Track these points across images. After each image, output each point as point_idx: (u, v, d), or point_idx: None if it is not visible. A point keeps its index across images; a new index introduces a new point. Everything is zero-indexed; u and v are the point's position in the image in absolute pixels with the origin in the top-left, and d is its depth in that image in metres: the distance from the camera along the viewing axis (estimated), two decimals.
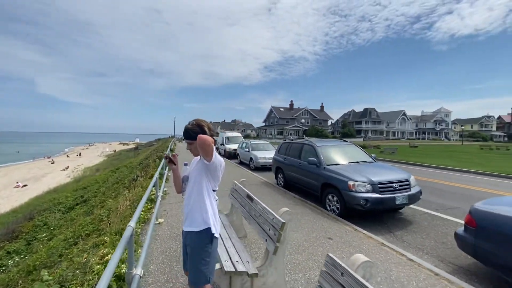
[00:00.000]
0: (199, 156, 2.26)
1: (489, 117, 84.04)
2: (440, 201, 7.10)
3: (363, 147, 33.94)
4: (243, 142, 16.53)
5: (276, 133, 62.62)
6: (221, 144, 21.47)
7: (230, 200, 4.33)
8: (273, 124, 67.25)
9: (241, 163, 15.58)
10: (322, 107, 74.16)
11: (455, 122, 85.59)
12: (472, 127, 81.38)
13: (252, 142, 15.42)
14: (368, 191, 5.12)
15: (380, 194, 5.10)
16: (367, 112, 71.24)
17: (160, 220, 5.08)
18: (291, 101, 71.02)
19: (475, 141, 62.59)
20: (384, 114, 76.08)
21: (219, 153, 22.49)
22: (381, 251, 3.87)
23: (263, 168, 12.72)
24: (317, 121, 68.19)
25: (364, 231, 4.63)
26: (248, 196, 3.43)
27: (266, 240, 2.60)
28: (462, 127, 66.33)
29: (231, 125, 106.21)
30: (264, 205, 2.93)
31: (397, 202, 5.10)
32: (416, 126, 78.90)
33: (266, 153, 13.27)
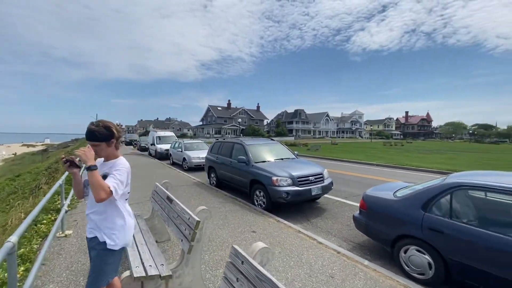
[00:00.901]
0: (103, 158, 2.10)
1: (390, 119, 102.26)
2: (350, 190, 8.30)
3: (294, 145, 36.76)
4: (176, 142, 15.81)
5: (213, 132, 61.99)
6: (151, 144, 20.01)
7: (151, 203, 4.10)
8: (210, 123, 66.33)
9: (173, 164, 14.87)
10: (258, 107, 76.95)
11: (366, 123, 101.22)
12: (378, 127, 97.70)
13: (185, 142, 14.89)
14: (289, 185, 5.61)
15: (299, 187, 5.65)
16: (297, 113, 77.38)
17: (67, 232, 4.43)
18: (229, 101, 71.36)
19: (380, 139, 75.25)
20: (312, 115, 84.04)
21: (150, 154, 20.77)
22: (297, 238, 4.30)
23: (197, 168, 12.45)
24: (253, 120, 70.40)
25: (285, 222, 5.06)
26: (168, 198, 3.33)
27: (182, 240, 2.58)
28: (371, 127, 79.00)
29: (166, 124, 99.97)
30: (182, 205, 2.89)
31: (313, 193, 5.74)
32: (337, 126, 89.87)
33: (200, 153, 13.02)
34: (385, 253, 3.92)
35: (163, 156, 17.13)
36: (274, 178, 5.66)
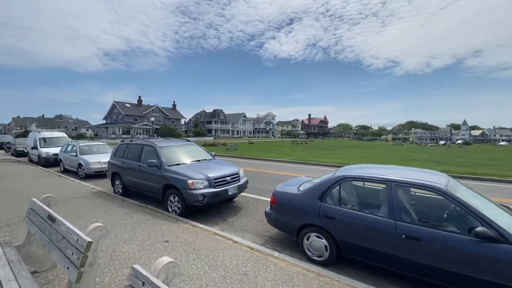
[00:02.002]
0: None
1: (297, 120, 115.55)
2: (264, 186, 8.86)
3: (213, 145, 36.63)
4: (69, 144, 13.06)
5: (121, 132, 54.71)
6: (32, 148, 15.86)
7: (26, 225, 3.22)
8: (117, 121, 58.23)
9: (65, 171, 12.27)
10: (174, 105, 72.70)
11: (278, 123, 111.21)
12: (287, 128, 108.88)
13: (81, 144, 12.49)
14: (205, 187, 5.49)
15: (215, 188, 5.61)
16: (216, 113, 77.50)
17: None
18: (139, 97, 64.32)
19: (289, 138, 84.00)
20: (230, 116, 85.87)
21: (30, 160, 16.47)
22: (213, 240, 4.26)
23: (98, 175, 10.66)
24: (169, 119, 66.07)
25: (201, 226, 4.93)
26: (50, 217, 2.68)
27: (68, 268, 2.11)
28: (282, 128, 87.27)
29: (56, 122, 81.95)
30: (69, 225, 2.38)
31: (229, 193, 5.82)
32: (253, 126, 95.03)
33: (101, 157, 11.20)
34: (292, 243, 4.35)
35: (50, 163, 13.90)
36: (190, 181, 5.43)
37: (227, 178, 5.96)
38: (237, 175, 6.29)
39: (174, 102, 73.11)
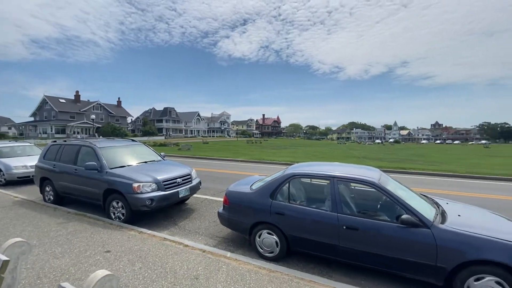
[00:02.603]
0: None
1: (251, 120, 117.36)
2: (218, 186, 8.75)
3: (164, 145, 34.75)
4: None
5: (54, 131, 47.94)
6: None
7: None
8: (48, 119, 50.75)
9: None
10: (119, 102, 66.59)
11: (233, 123, 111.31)
12: (242, 127, 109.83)
13: (0, 145, 10.57)
14: (153, 190, 5.17)
15: (165, 191, 5.32)
16: (167, 111, 73.69)
17: None
18: (77, 92, 57.02)
19: (244, 137, 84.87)
20: (183, 114, 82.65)
21: None
22: (162, 246, 4.04)
23: (23, 181, 9.15)
24: (113, 117, 60.29)
25: (149, 231, 4.62)
26: None
27: None
28: (237, 127, 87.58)
29: None
30: None
31: (181, 196, 5.59)
32: (208, 125, 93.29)
33: (27, 160, 9.66)
34: (245, 242, 4.40)
35: None
36: (136, 184, 5.04)
37: (178, 179, 5.71)
38: (189, 176, 6.08)
39: (119, 98, 66.95)
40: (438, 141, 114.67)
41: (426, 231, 2.93)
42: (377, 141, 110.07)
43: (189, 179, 6.07)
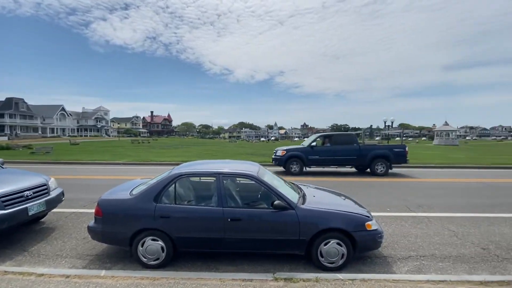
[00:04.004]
0: None
1: (137, 117, 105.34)
2: (91, 196, 7.33)
3: (8, 148, 25.72)
4: None
5: None
6: None
7: None
8: None
9: None
10: None
11: (114, 120, 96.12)
12: (126, 125, 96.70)
13: None
14: None
15: (4, 209, 3.97)
16: (12, 103, 55.00)
17: None
18: None
19: (129, 137, 75.03)
20: (39, 108, 63.97)
21: None
22: (2, 282, 3.00)
23: None
24: None
25: None
26: None
27: None
28: (119, 125, 76.25)
29: None
30: None
31: (31, 213, 4.32)
32: (78, 122, 76.48)
33: None
34: (126, 254, 3.92)
35: None
36: None
37: (26, 193, 4.38)
38: (43, 187, 4.78)
39: None
40: (305, 139, 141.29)
41: (292, 212, 3.56)
42: (262, 139, 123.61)
43: (45, 191, 4.78)
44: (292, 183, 4.94)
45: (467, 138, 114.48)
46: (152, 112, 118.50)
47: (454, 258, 3.91)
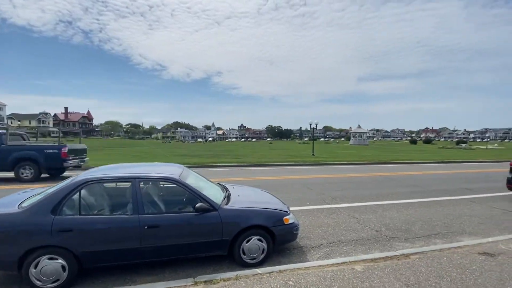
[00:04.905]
0: None
1: (46, 114, 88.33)
2: None
3: None
4: None
5: None
6: None
7: None
8: None
9: None
10: None
11: (12, 116, 78.15)
12: (30, 123, 79.89)
13: None
14: None
15: None
16: None
17: None
18: None
19: (33, 137, 62.12)
20: None
21: None
22: None
23: None
24: None
25: None
26: None
27: None
28: (19, 123, 62.48)
29: None
30: None
31: None
32: None
33: None
34: (16, 279, 3.23)
35: None
36: None
37: None
38: None
39: None
40: (243, 139, 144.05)
41: (215, 213, 3.56)
42: (199, 139, 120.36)
43: None
44: (220, 183, 4.96)
45: (374, 139, 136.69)
46: (66, 108, 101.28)
47: (356, 241, 4.60)
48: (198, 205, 3.46)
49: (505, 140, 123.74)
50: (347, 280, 3.10)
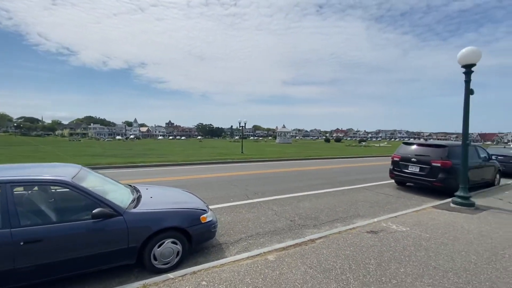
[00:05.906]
0: None
1: None
2: None
3: None
4: None
5: None
6: None
7: None
8: None
9: None
10: None
11: None
12: None
13: None
14: None
15: None
16: None
17: None
18: None
19: None
20: None
21: None
22: None
23: None
24: None
25: None
26: None
27: None
28: None
29: None
30: None
31: None
32: None
33: None
34: None
35: None
36: None
37: None
38: None
39: None
40: (171, 137, 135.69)
41: (119, 219, 3.15)
42: (118, 137, 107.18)
43: None
44: (130, 185, 4.46)
45: (296, 138, 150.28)
46: None
47: (272, 232, 4.88)
48: (95, 211, 2.99)
49: (391, 140, 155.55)
50: (259, 271, 3.23)
